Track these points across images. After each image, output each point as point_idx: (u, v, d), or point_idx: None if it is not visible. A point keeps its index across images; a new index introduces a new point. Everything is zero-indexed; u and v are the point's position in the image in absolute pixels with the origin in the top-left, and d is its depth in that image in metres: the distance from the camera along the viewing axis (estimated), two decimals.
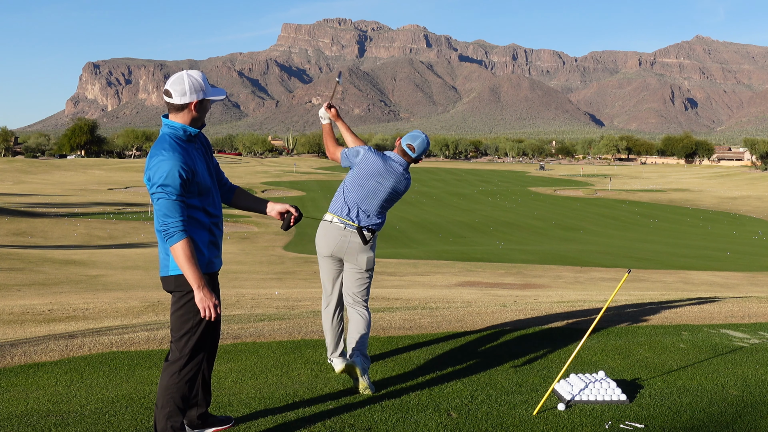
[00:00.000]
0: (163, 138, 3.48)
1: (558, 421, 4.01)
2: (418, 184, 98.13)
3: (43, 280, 18.26)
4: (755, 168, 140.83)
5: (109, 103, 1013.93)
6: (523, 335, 6.27)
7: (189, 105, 3.50)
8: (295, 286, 16.59)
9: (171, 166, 3.37)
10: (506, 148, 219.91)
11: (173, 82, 3.50)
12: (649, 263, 26.88)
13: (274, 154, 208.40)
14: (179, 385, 3.53)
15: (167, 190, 3.37)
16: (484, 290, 14.93)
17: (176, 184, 3.37)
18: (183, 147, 3.48)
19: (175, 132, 3.50)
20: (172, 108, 3.51)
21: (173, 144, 3.45)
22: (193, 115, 3.52)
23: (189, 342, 3.53)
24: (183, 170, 3.39)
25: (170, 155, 3.39)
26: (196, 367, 3.58)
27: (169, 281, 3.54)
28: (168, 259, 3.54)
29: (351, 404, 4.29)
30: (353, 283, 4.81)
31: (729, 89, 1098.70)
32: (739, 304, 8.40)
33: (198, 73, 3.54)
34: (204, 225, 3.59)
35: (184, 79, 3.48)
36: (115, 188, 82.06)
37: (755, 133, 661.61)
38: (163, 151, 3.41)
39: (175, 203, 3.39)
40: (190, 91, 3.47)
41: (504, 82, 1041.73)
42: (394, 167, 4.78)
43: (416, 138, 4.84)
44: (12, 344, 5.82)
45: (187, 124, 3.52)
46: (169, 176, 3.36)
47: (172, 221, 3.39)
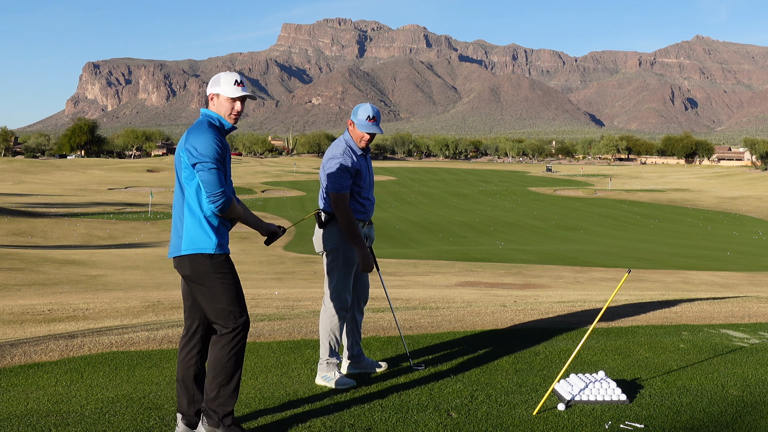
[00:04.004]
0: (201, 121, 3.84)
1: (558, 421, 4.01)
2: (418, 184, 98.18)
3: (43, 280, 18.26)
4: (755, 168, 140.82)
5: (109, 103, 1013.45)
6: (523, 335, 6.27)
7: (209, 97, 3.90)
8: (295, 286, 16.59)
9: (211, 138, 3.70)
10: (506, 148, 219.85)
11: (211, 78, 3.95)
12: (649, 263, 26.87)
13: (274, 154, 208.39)
14: (234, 353, 3.74)
15: (212, 158, 3.67)
16: (484, 290, 14.92)
17: (217, 155, 3.68)
18: (217, 130, 3.81)
19: (210, 118, 3.86)
20: (208, 100, 3.94)
21: (211, 125, 3.80)
22: (215, 107, 3.87)
23: (234, 315, 3.73)
24: (218, 146, 3.71)
25: (209, 131, 3.74)
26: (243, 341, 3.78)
27: (183, 262, 3.75)
28: (180, 240, 3.76)
29: (351, 404, 4.29)
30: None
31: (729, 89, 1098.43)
32: (739, 304, 8.40)
33: (231, 73, 3.91)
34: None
35: (215, 77, 3.92)
36: (115, 188, 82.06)
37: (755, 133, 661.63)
38: (202, 127, 3.76)
39: (220, 173, 3.69)
40: (210, 85, 3.90)
41: (504, 82, 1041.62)
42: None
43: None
44: (12, 344, 5.82)
45: (221, 114, 3.88)
46: (211, 147, 3.68)
47: (224, 189, 3.69)
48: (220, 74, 3.92)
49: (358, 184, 4.85)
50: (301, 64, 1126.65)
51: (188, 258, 3.72)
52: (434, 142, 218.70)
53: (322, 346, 4.85)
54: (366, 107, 4.83)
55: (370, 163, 5.06)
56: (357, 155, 4.84)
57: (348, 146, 4.84)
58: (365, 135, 4.81)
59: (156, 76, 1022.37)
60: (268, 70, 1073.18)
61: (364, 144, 4.85)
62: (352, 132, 4.85)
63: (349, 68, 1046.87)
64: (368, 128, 4.79)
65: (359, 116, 4.80)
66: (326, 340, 4.85)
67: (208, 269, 3.70)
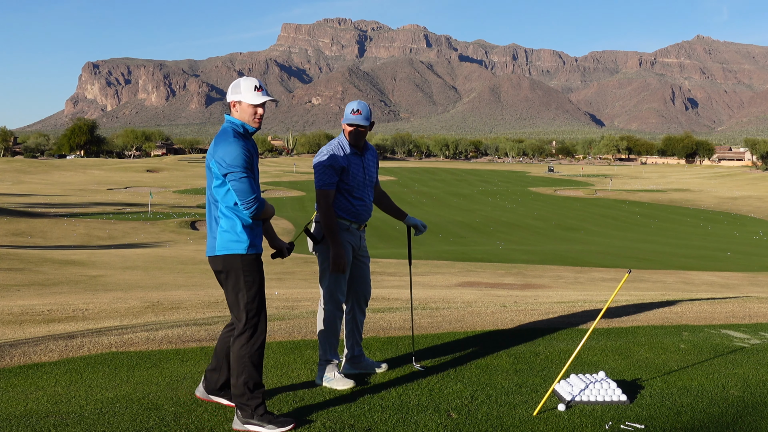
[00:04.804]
0: (226, 130, 4.03)
1: (558, 421, 4.00)
2: (418, 184, 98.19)
3: (42, 280, 18.24)
4: (756, 168, 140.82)
5: (108, 103, 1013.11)
6: (523, 335, 6.27)
7: (230, 104, 4.07)
8: (295, 286, 16.58)
9: (240, 148, 3.92)
10: (506, 148, 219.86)
11: (231, 85, 4.12)
12: (649, 263, 26.87)
13: (274, 154, 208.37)
14: (251, 353, 3.99)
15: (243, 168, 3.90)
16: (484, 290, 14.91)
17: (246, 163, 3.91)
18: (242, 138, 4.02)
19: (234, 126, 4.05)
20: (230, 106, 4.11)
21: (236, 133, 4.00)
22: (237, 113, 4.06)
23: (248, 314, 3.99)
24: (246, 154, 3.93)
25: (235, 140, 3.94)
26: (263, 336, 4.03)
27: (217, 261, 4.02)
28: (215, 241, 4.02)
29: (351, 404, 4.28)
30: None
31: (729, 89, 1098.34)
32: (739, 305, 8.39)
33: (250, 79, 4.08)
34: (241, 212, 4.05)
35: (235, 83, 4.08)
36: (115, 188, 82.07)
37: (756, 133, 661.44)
38: (228, 137, 3.96)
39: (251, 180, 3.93)
40: (230, 92, 4.08)
41: (504, 82, 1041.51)
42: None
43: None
44: (11, 345, 5.81)
45: (245, 121, 4.06)
46: (239, 156, 3.89)
47: (256, 195, 3.94)
48: (240, 81, 4.06)
49: (347, 182, 4.80)
50: (300, 64, 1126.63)
51: (222, 258, 4.01)
52: (434, 142, 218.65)
53: (320, 346, 4.85)
54: (352, 102, 4.87)
55: (370, 163, 4.98)
56: (348, 153, 4.82)
57: (338, 144, 4.85)
58: (348, 128, 4.82)
59: (156, 76, 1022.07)
60: (268, 70, 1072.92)
61: (354, 140, 4.83)
62: (344, 129, 4.89)
63: (349, 68, 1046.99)
64: (350, 119, 4.80)
65: (346, 111, 4.86)
66: (323, 340, 4.85)
67: (237, 267, 3.99)
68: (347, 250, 4.84)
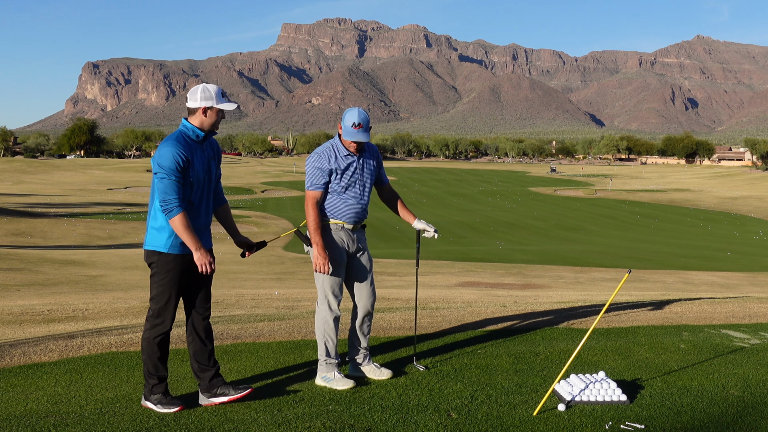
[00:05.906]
0: (175, 133, 4.26)
1: (558, 421, 4.00)
2: (418, 184, 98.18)
3: (42, 280, 18.24)
4: (756, 168, 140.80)
5: (108, 103, 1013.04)
6: (523, 335, 6.27)
7: (198, 110, 4.25)
8: (295, 286, 16.58)
9: (172, 151, 4.12)
10: (506, 148, 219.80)
11: (191, 90, 4.31)
12: (649, 263, 26.87)
13: (274, 154, 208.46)
14: (149, 341, 4.31)
15: (166, 171, 4.10)
16: (485, 290, 14.92)
17: (173, 166, 4.10)
18: (187, 143, 4.23)
19: (185, 130, 4.27)
20: (188, 111, 4.30)
21: (179, 138, 4.22)
22: (203, 119, 4.27)
23: (153, 307, 4.29)
24: (180, 158, 4.13)
25: (173, 144, 4.16)
26: (164, 330, 4.31)
27: (145, 254, 4.33)
28: (145, 236, 4.31)
29: (351, 404, 4.28)
30: None
31: (729, 89, 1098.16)
32: (739, 305, 8.39)
33: (214, 87, 4.30)
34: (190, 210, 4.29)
35: (199, 88, 4.29)
36: (115, 188, 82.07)
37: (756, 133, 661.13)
38: (169, 141, 4.19)
39: (173, 183, 4.11)
40: (200, 98, 4.25)
41: (504, 82, 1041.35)
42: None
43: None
44: (11, 345, 5.81)
45: (197, 127, 4.27)
46: (168, 159, 4.10)
47: (171, 198, 4.11)
48: (207, 86, 4.31)
49: (338, 182, 4.78)
50: (300, 64, 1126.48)
51: (147, 252, 4.31)
52: (434, 142, 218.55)
53: (319, 347, 4.86)
54: (353, 113, 4.71)
55: (368, 164, 4.92)
56: (341, 155, 4.78)
57: (332, 146, 4.81)
58: (349, 141, 4.74)
59: (155, 76, 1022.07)
60: (268, 70, 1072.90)
61: (353, 149, 4.79)
62: (341, 136, 4.79)
63: (349, 68, 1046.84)
64: (352, 136, 4.69)
65: (346, 122, 4.71)
66: (321, 340, 4.85)
67: (155, 262, 4.26)
68: (337, 251, 4.82)
